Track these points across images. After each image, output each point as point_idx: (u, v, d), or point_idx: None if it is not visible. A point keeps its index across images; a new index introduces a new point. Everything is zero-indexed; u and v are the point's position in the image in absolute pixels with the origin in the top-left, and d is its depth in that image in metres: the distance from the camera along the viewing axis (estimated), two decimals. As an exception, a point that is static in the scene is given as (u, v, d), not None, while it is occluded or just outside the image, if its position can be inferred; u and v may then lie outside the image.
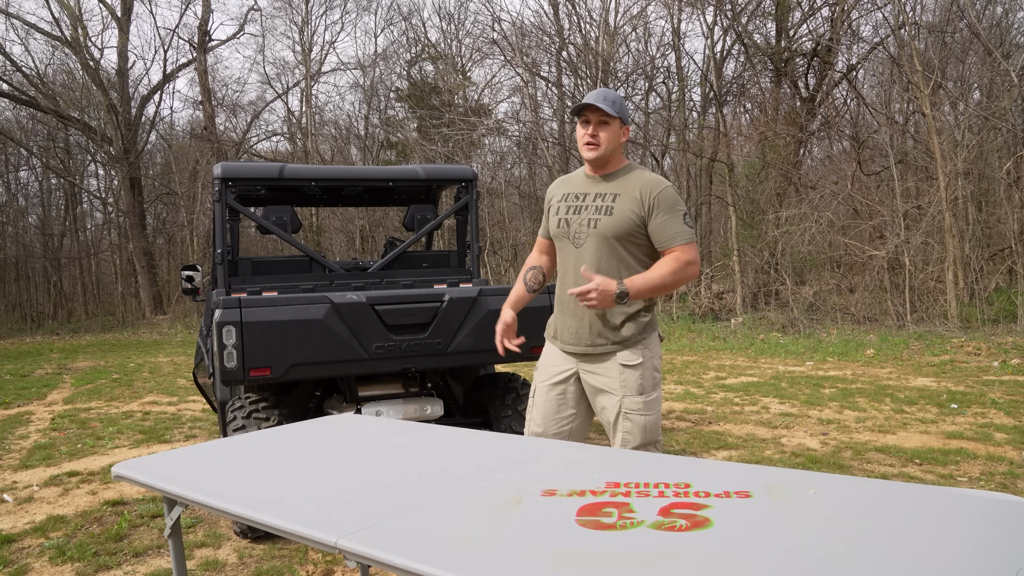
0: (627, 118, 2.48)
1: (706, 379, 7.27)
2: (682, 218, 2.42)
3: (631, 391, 2.44)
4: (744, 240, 13.28)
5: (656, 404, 2.49)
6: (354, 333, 3.22)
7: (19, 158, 21.30)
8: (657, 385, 2.50)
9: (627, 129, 2.50)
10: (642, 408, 2.45)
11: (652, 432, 2.46)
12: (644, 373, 2.45)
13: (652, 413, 2.47)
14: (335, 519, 1.45)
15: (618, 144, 2.47)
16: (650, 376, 2.47)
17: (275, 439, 2.26)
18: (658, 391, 2.51)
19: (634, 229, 2.42)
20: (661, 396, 2.53)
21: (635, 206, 2.41)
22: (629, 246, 2.45)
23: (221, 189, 3.89)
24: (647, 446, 2.46)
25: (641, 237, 2.44)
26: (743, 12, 13.96)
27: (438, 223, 4.70)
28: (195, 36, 20.81)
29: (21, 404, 7.26)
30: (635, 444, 2.45)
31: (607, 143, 2.43)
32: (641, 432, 2.45)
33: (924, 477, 3.91)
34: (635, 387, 2.44)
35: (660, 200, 2.40)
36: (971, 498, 1.48)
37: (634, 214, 2.41)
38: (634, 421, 2.44)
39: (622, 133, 2.47)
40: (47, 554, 3.17)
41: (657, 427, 2.49)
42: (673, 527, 1.31)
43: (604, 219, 2.44)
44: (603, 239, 2.45)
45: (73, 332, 17.04)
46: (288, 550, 3.12)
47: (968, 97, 12.00)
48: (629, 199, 2.43)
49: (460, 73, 19.90)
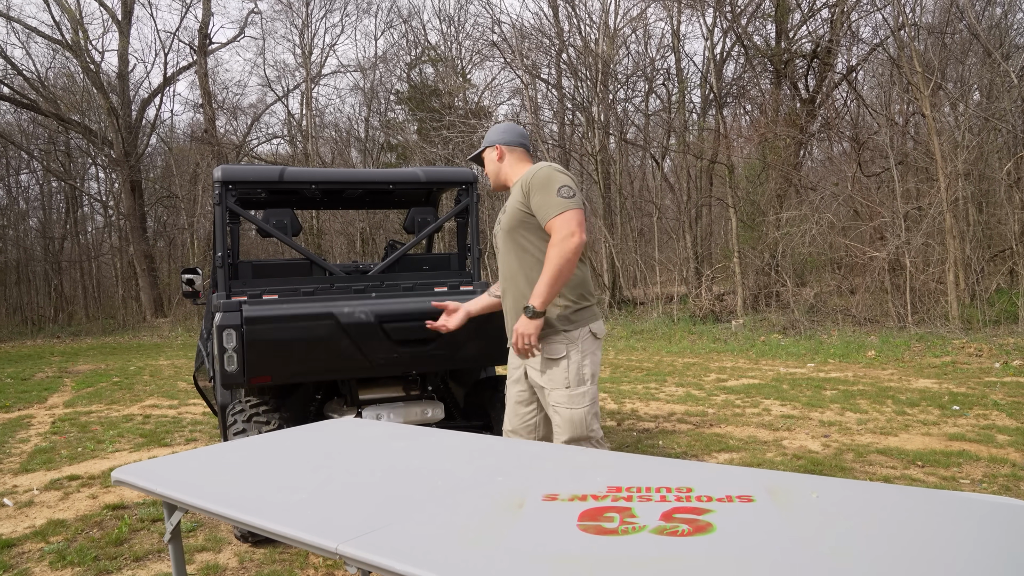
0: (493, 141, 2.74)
1: (707, 381, 7.26)
2: (555, 192, 2.46)
3: (557, 384, 2.49)
4: (745, 242, 13.28)
5: (583, 399, 2.49)
6: (359, 348, 3.24)
7: (20, 161, 21.32)
8: (586, 380, 2.50)
9: (499, 147, 2.73)
10: (567, 402, 2.48)
11: (580, 426, 2.49)
12: (569, 366, 2.48)
13: (579, 408, 2.47)
14: (336, 524, 1.44)
15: (498, 165, 2.74)
16: (576, 369, 2.48)
17: (276, 443, 2.26)
18: (587, 386, 2.51)
19: (523, 218, 2.56)
20: (594, 393, 2.53)
21: (519, 196, 2.57)
22: (525, 235, 2.57)
23: (221, 192, 3.88)
24: (579, 440, 2.49)
25: (531, 223, 2.55)
26: (743, 14, 13.97)
27: (439, 226, 4.69)
28: (195, 39, 20.85)
29: (21, 408, 7.25)
30: (565, 438, 2.50)
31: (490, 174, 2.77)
32: (568, 426, 2.48)
33: (926, 479, 3.90)
34: (560, 380, 2.48)
35: (533, 183, 2.51)
36: (973, 502, 1.48)
37: (519, 203, 2.56)
38: (561, 415, 2.49)
39: (496, 155, 2.73)
40: (47, 558, 3.16)
41: (586, 421, 2.50)
42: (675, 532, 1.30)
43: (503, 218, 2.66)
44: (506, 236, 2.63)
45: (74, 335, 17.04)
46: (288, 554, 3.11)
47: (968, 98, 12.00)
48: (515, 193, 2.61)
49: (460, 75, 19.92)
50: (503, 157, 2.72)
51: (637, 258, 15.58)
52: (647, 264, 15.57)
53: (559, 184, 2.46)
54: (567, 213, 2.40)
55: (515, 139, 2.74)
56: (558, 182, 2.46)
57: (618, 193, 15.56)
